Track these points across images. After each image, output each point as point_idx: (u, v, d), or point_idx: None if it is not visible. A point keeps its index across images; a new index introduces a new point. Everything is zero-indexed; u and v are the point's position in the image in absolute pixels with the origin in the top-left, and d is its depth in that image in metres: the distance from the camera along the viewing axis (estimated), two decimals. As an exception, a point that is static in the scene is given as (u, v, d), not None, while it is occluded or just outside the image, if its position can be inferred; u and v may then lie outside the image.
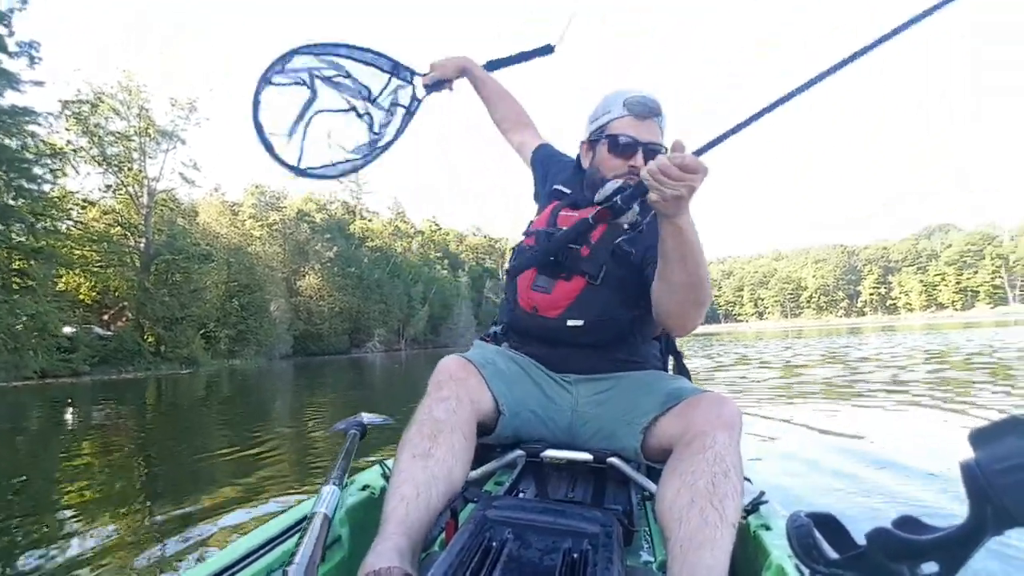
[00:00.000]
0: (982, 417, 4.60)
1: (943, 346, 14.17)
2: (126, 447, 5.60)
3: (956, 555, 0.45)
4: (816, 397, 6.36)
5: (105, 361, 23.21)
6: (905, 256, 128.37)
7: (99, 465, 4.64)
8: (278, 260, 40.82)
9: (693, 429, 1.06)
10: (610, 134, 1.39)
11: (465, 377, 1.19)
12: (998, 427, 0.44)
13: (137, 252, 28.05)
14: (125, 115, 28.83)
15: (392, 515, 0.94)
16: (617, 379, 1.37)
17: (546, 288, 1.37)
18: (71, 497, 3.53)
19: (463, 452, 1.08)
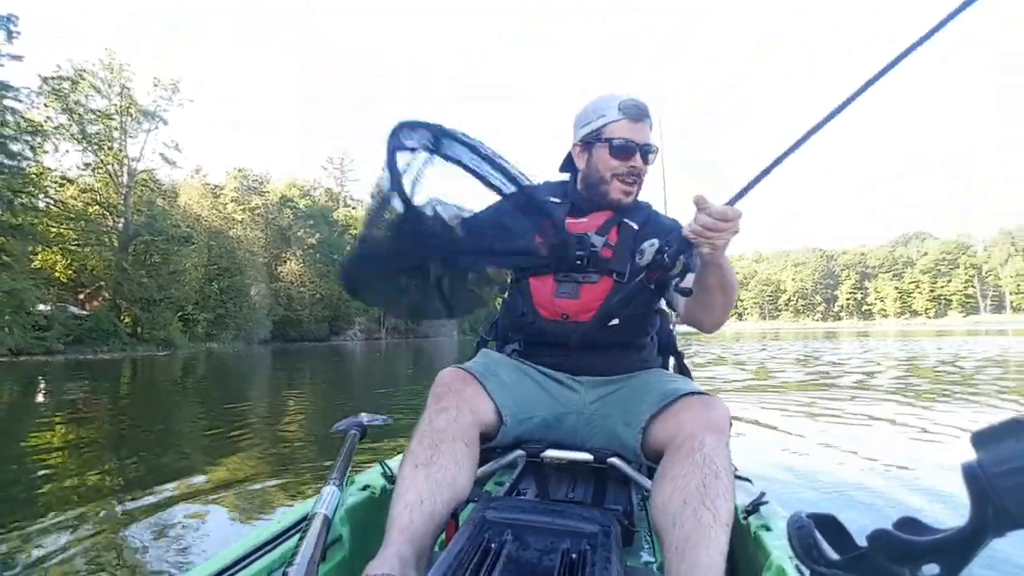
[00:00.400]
0: (943, 423, 4.74)
1: (915, 353, 14.61)
2: (99, 426, 5.66)
3: (957, 556, 0.46)
4: (793, 402, 6.38)
5: (80, 341, 23.01)
6: (882, 262, 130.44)
7: (70, 442, 4.68)
8: (259, 245, 40.53)
9: (682, 432, 1.09)
10: (608, 137, 1.43)
11: (463, 388, 1.20)
12: (1000, 429, 0.44)
13: (115, 232, 27.74)
14: (106, 93, 28.42)
15: (396, 522, 0.94)
16: (624, 380, 1.40)
17: (572, 294, 1.40)
18: (41, 474, 3.54)
19: (466, 460, 1.09)
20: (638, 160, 1.44)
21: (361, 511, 1.23)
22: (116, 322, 25.68)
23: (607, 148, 1.43)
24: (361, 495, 1.28)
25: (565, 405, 1.37)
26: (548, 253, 1.35)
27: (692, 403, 1.15)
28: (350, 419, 1.67)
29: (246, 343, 34.42)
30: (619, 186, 1.45)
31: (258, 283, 37.43)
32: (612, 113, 1.43)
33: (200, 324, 31.05)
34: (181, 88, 31.26)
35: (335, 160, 66.31)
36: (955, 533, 0.46)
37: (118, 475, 3.60)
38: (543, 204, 1.42)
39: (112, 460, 4.05)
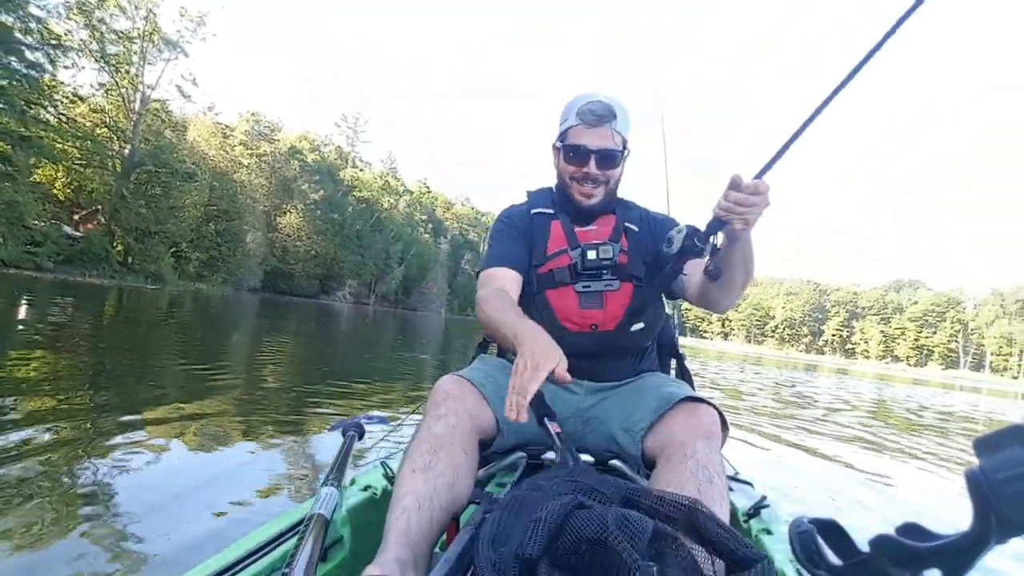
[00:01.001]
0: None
1: (890, 397, 14.74)
2: (80, 349, 5.60)
3: (959, 563, 0.46)
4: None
5: (70, 261, 22.78)
6: (872, 304, 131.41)
7: (45, 363, 4.60)
8: (262, 192, 40.08)
9: (673, 441, 1.10)
10: (566, 143, 1.48)
11: (462, 395, 1.19)
12: (1003, 436, 0.44)
13: (120, 157, 27.34)
14: (131, 15, 27.92)
15: (394, 527, 0.94)
16: (623, 384, 1.43)
17: (598, 303, 1.42)
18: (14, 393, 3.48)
19: (465, 465, 1.08)
20: (592, 165, 1.45)
21: (362, 512, 1.23)
22: (108, 248, 25.38)
23: (562, 153, 1.50)
24: (362, 495, 1.28)
25: (564, 410, 1.37)
26: (570, 264, 1.44)
27: (681, 411, 1.16)
28: (348, 420, 1.65)
29: (235, 288, 34.26)
30: (578, 188, 1.48)
31: (255, 231, 37.18)
32: (572, 118, 1.47)
33: (192, 263, 30.82)
34: (207, 22, 30.77)
35: (349, 119, 65.71)
36: (957, 539, 0.46)
37: (87, 401, 3.56)
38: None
39: (85, 386, 4.01)
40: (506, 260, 1.46)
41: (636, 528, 0.64)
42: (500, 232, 1.55)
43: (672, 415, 1.16)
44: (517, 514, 0.72)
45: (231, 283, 34.05)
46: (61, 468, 2.34)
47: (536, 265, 1.48)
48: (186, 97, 31.20)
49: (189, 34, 30.33)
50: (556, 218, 1.53)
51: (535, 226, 1.53)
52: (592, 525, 0.65)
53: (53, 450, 2.52)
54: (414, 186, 76.66)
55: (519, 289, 1.45)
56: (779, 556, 1.07)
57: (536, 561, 0.64)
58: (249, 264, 36.07)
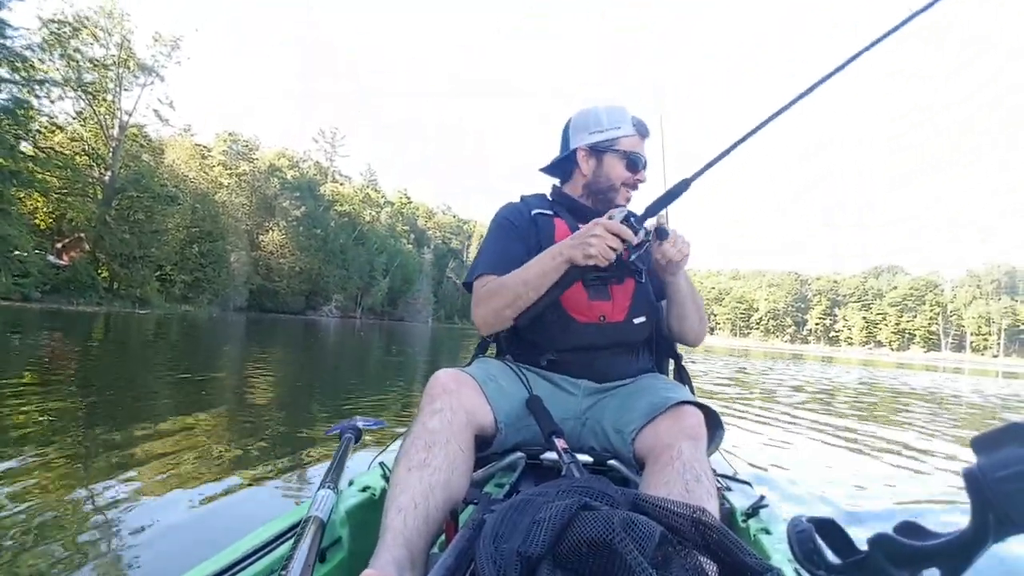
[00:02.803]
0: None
1: (876, 381, 15.21)
2: (72, 377, 5.73)
3: (958, 561, 0.46)
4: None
5: (56, 290, 22.93)
6: (853, 292, 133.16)
7: (42, 392, 4.57)
8: (243, 212, 40.23)
9: (660, 443, 1.12)
10: (625, 150, 1.52)
11: (458, 389, 1.18)
12: (1000, 434, 0.44)
13: (101, 184, 27.47)
14: (105, 42, 28.08)
15: (390, 527, 0.93)
16: (619, 386, 1.44)
17: (605, 295, 1.44)
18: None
19: (461, 462, 1.07)
20: (642, 174, 1.56)
21: (360, 512, 1.22)
22: (94, 275, 25.52)
23: (622, 159, 1.53)
24: (360, 496, 1.27)
25: (563, 411, 1.38)
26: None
27: (667, 415, 1.18)
28: (344, 422, 1.63)
29: (221, 309, 34.33)
30: (624, 194, 1.55)
31: (239, 250, 37.27)
32: (627, 127, 1.53)
33: (177, 285, 30.94)
34: (181, 46, 31.00)
35: (327, 134, 65.88)
36: (956, 538, 0.46)
37: (79, 434, 3.45)
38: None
39: (76, 416, 3.92)
40: (500, 267, 1.44)
41: (643, 532, 0.64)
42: (500, 229, 1.54)
43: (660, 419, 1.18)
44: (521, 514, 0.72)
45: (217, 304, 34.12)
46: (58, 491, 2.33)
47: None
48: (164, 121, 31.42)
49: (164, 58, 30.55)
50: (558, 217, 1.55)
51: (538, 226, 1.53)
52: (598, 527, 0.65)
53: (48, 478, 2.49)
54: (395, 197, 76.87)
55: None
56: (778, 556, 1.09)
57: (539, 560, 0.64)
58: (234, 284, 36.17)
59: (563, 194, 1.61)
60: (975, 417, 7.98)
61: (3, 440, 3.05)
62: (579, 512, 0.69)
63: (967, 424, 6.75)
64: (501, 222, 1.56)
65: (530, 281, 1.32)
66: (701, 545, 0.68)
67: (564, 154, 1.59)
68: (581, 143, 1.54)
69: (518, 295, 1.34)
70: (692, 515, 0.70)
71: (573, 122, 1.58)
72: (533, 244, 1.49)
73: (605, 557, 0.63)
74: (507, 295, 1.35)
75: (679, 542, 0.67)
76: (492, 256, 1.48)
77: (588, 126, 1.54)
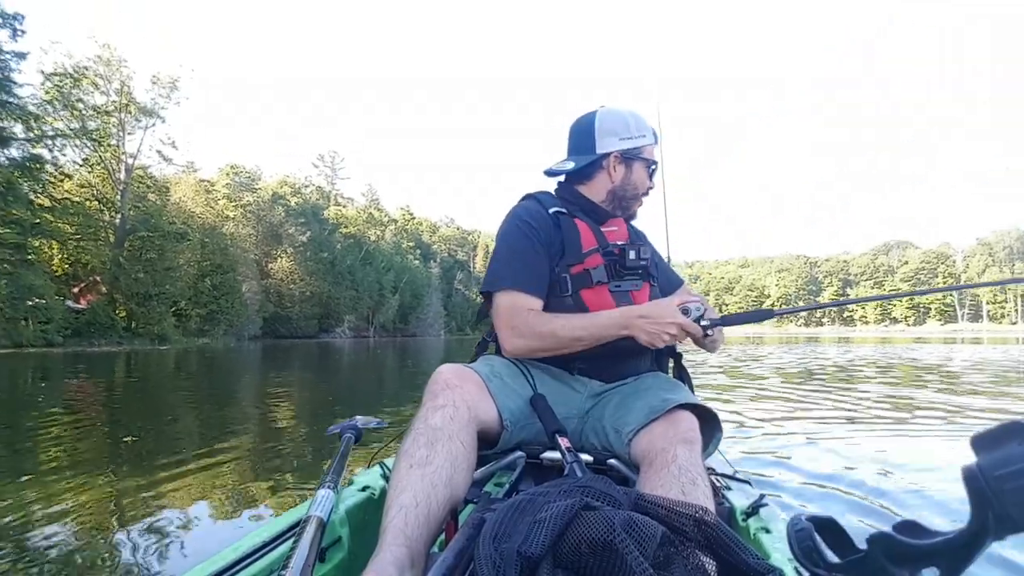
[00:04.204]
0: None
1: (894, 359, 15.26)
2: (99, 416, 6.05)
3: (957, 560, 0.46)
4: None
5: (78, 333, 23.63)
6: (864, 270, 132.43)
7: (71, 431, 4.84)
8: (251, 242, 41.00)
9: (654, 447, 1.11)
10: (649, 159, 1.55)
11: (462, 385, 1.17)
12: (1000, 432, 0.44)
13: (112, 227, 28.24)
14: (105, 89, 28.92)
15: (390, 526, 0.92)
16: (620, 385, 1.43)
17: (628, 302, 1.43)
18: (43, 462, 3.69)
19: (463, 459, 1.06)
20: (652, 181, 1.60)
21: (361, 512, 1.23)
22: (113, 316, 26.28)
23: (647, 168, 1.56)
24: (361, 496, 1.28)
25: (566, 409, 1.38)
26: (604, 262, 1.44)
27: (663, 419, 1.17)
28: (344, 422, 1.62)
29: (237, 339, 34.90)
30: (641, 202, 1.59)
31: (249, 280, 37.95)
32: (650, 136, 1.55)
33: (193, 319, 31.56)
34: (179, 86, 31.81)
35: (326, 158, 66.79)
36: (955, 536, 0.46)
37: (112, 464, 3.69)
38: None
39: (108, 449, 4.21)
40: (532, 288, 1.40)
41: (644, 532, 0.64)
42: (520, 234, 1.45)
43: (655, 423, 1.17)
44: (522, 513, 0.71)
45: (232, 334, 34.73)
46: (78, 541, 2.40)
47: (570, 265, 1.43)
48: (167, 160, 32.30)
49: (163, 100, 31.34)
50: (575, 217, 1.50)
51: (561, 226, 1.47)
52: (599, 527, 0.65)
53: (69, 523, 2.59)
54: (398, 215, 77.55)
55: None
56: (777, 555, 1.09)
57: (538, 560, 0.64)
58: (248, 313, 36.78)
59: (578, 194, 1.56)
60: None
61: (42, 471, 3.41)
62: (580, 512, 0.69)
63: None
64: (520, 224, 1.46)
65: (585, 340, 1.33)
66: (702, 545, 0.68)
67: (591, 158, 1.52)
68: (613, 148, 1.51)
69: (565, 346, 1.34)
70: (694, 515, 0.70)
71: (601, 124, 1.53)
72: (556, 246, 1.45)
73: (606, 557, 0.63)
74: (556, 342, 1.34)
75: (680, 542, 0.67)
76: (517, 269, 1.41)
77: (618, 131, 1.52)
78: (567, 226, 1.47)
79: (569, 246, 1.44)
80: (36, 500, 2.88)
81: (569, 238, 1.45)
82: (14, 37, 20.96)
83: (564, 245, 1.45)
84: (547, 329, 1.33)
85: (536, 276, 1.40)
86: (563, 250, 1.44)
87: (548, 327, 1.33)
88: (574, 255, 1.43)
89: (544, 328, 1.33)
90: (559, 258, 1.43)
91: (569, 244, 1.44)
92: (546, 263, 1.43)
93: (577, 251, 1.43)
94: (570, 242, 1.44)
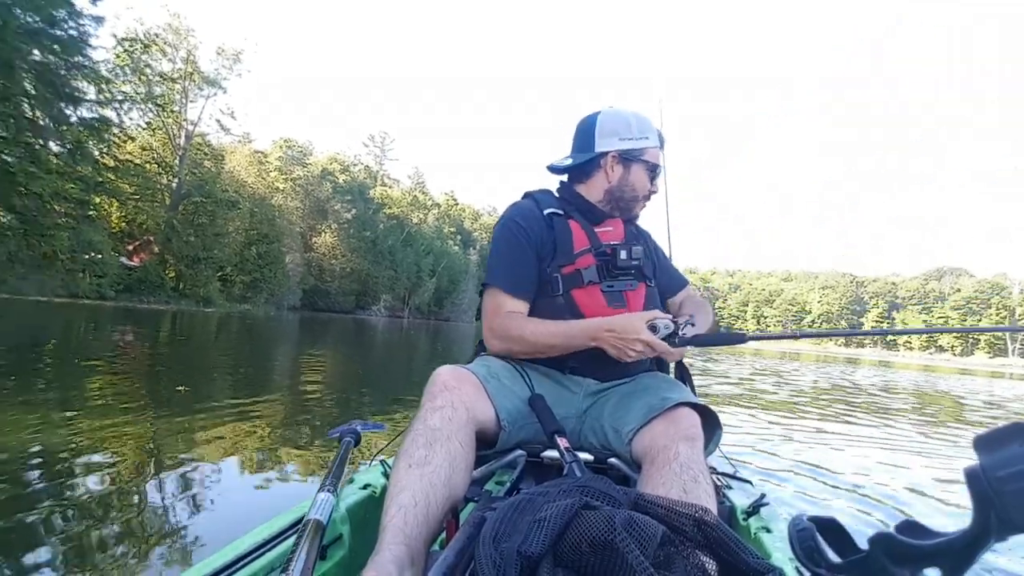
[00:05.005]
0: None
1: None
2: (148, 366, 6.53)
3: (959, 561, 0.46)
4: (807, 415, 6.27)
5: (129, 289, 24.69)
6: (913, 294, 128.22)
7: (120, 380, 5.21)
8: (297, 215, 41.86)
9: (656, 445, 1.11)
10: (650, 161, 1.53)
11: (459, 386, 1.18)
12: (1003, 433, 0.44)
13: (168, 190, 29.30)
14: (172, 57, 29.97)
15: (390, 525, 0.92)
16: (618, 385, 1.44)
17: (622, 302, 1.44)
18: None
19: (462, 459, 1.07)
20: (656, 185, 1.57)
21: (361, 510, 1.23)
22: (163, 275, 27.35)
23: (648, 171, 1.54)
24: (362, 494, 1.28)
25: (564, 409, 1.38)
26: (596, 263, 1.44)
27: (664, 416, 1.18)
28: (343, 426, 1.63)
29: (276, 308, 35.84)
30: (643, 204, 1.57)
31: (293, 252, 38.92)
32: (653, 138, 1.53)
33: (237, 285, 32.57)
34: (242, 59, 32.72)
35: (376, 138, 67.60)
36: (957, 537, 0.46)
37: (159, 407, 3.99)
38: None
39: (153, 396, 4.53)
40: (517, 289, 1.44)
41: (645, 531, 0.64)
42: (511, 236, 1.48)
43: (656, 420, 1.18)
44: (522, 513, 0.72)
45: (272, 303, 35.66)
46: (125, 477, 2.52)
47: (561, 265, 1.44)
48: (225, 130, 33.37)
49: (226, 71, 32.31)
50: (571, 218, 1.51)
51: (554, 227, 1.48)
52: (599, 526, 0.65)
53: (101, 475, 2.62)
54: (442, 199, 78.08)
55: None
56: (778, 554, 1.09)
57: (539, 560, 0.64)
58: (289, 284, 37.74)
59: (576, 194, 1.57)
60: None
61: (84, 409, 3.68)
62: (580, 511, 0.69)
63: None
64: (510, 225, 1.49)
65: (556, 347, 1.37)
66: (702, 544, 0.68)
67: (589, 156, 1.53)
68: (611, 148, 1.51)
69: (539, 351, 1.38)
70: (694, 514, 0.70)
71: (602, 124, 1.53)
72: (548, 247, 1.47)
73: (606, 557, 0.63)
74: (527, 346, 1.38)
75: (680, 542, 0.67)
76: (509, 273, 1.45)
77: (618, 131, 1.51)
78: (560, 227, 1.48)
79: (561, 246, 1.46)
80: (86, 433, 3.12)
81: (561, 238, 1.47)
82: (94, 1, 21.79)
83: (556, 245, 1.46)
84: (518, 334, 1.38)
85: (520, 278, 1.44)
86: (555, 250, 1.46)
87: (520, 332, 1.38)
88: (566, 255, 1.44)
89: (516, 332, 1.38)
90: (551, 258, 1.45)
91: (561, 244, 1.46)
92: (533, 265, 1.46)
93: (569, 251, 1.45)
94: (562, 242, 1.46)
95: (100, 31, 23.60)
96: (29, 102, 18.82)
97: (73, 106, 20.60)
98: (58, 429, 3.18)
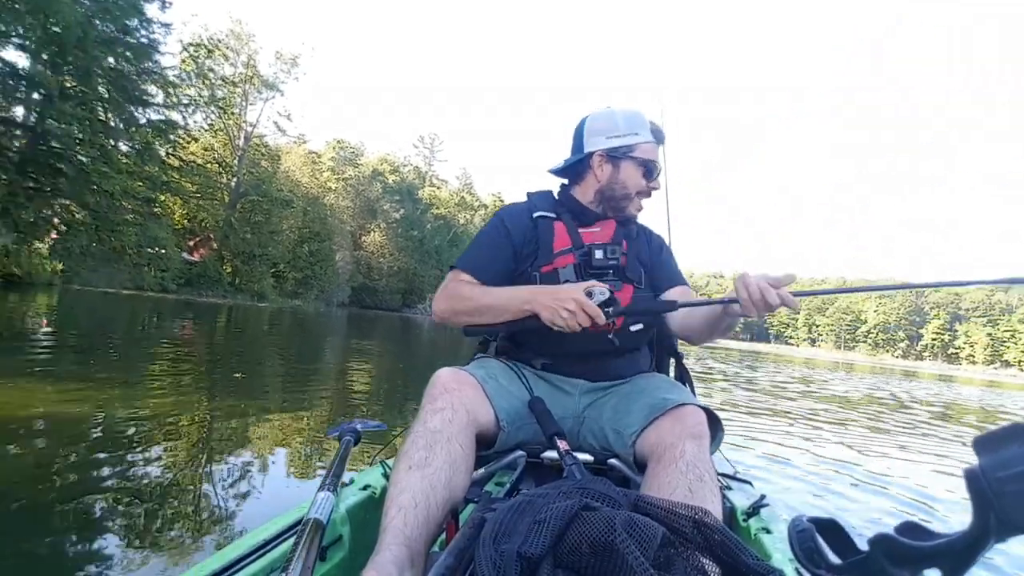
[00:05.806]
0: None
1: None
2: (203, 357, 6.97)
3: (958, 562, 0.45)
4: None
5: (189, 283, 25.95)
6: (977, 306, 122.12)
7: (184, 363, 5.72)
8: (348, 214, 42.94)
9: (662, 443, 1.11)
10: (641, 158, 1.49)
11: (459, 388, 1.18)
12: (1003, 434, 0.43)
13: (227, 189, 30.57)
14: (234, 61, 31.31)
15: (390, 526, 0.93)
16: (617, 386, 1.43)
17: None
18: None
19: (462, 461, 1.07)
20: (656, 182, 1.53)
21: (361, 511, 1.23)
22: (220, 271, 28.58)
23: (640, 167, 1.49)
24: (362, 495, 1.28)
25: (561, 411, 1.38)
26: (576, 263, 1.44)
27: (669, 415, 1.17)
28: (344, 425, 1.64)
29: (326, 304, 36.83)
30: (638, 202, 1.53)
31: (343, 250, 39.98)
32: (645, 133, 1.50)
33: (289, 281, 33.66)
34: (300, 63, 33.87)
35: (426, 139, 68.63)
36: (957, 538, 0.45)
37: (216, 392, 4.34)
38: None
39: (212, 380, 4.96)
40: (480, 272, 1.45)
41: (645, 532, 0.64)
42: (494, 231, 1.51)
43: (661, 419, 1.17)
44: (522, 514, 0.72)
45: (322, 299, 36.65)
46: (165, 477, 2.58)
47: (541, 265, 1.45)
48: (282, 131, 34.71)
49: (284, 75, 33.53)
50: (559, 219, 1.51)
51: (538, 229, 1.50)
52: (599, 528, 0.65)
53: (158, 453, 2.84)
54: (489, 200, 78.57)
55: None
56: (778, 555, 1.09)
57: (538, 561, 0.63)
58: (338, 281, 38.77)
59: (570, 196, 1.56)
60: None
61: (139, 395, 4.00)
62: (580, 513, 0.69)
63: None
64: (497, 224, 1.52)
65: (493, 309, 1.36)
66: (702, 546, 0.68)
67: (577, 157, 1.53)
68: (597, 147, 1.50)
69: (477, 313, 1.38)
70: (694, 516, 0.70)
71: (588, 124, 1.53)
72: (530, 247, 1.48)
73: (606, 558, 0.63)
74: (468, 307, 1.39)
75: (680, 543, 0.67)
76: (477, 258, 1.48)
77: (605, 130, 1.50)
78: (544, 228, 1.49)
79: (543, 247, 1.47)
80: (149, 408, 3.49)
81: (544, 239, 1.47)
82: (163, 8, 22.92)
83: (538, 246, 1.48)
84: (467, 293, 1.39)
85: (488, 264, 1.46)
86: (537, 250, 1.47)
87: (463, 291, 1.40)
88: (545, 256, 1.45)
89: (460, 291, 1.41)
90: (532, 259, 1.47)
91: (543, 245, 1.47)
92: (507, 260, 1.48)
93: (548, 252, 1.46)
94: (544, 243, 1.47)
95: (168, 38, 24.81)
96: (103, 105, 20.03)
97: (142, 109, 21.86)
98: (118, 404, 3.58)
